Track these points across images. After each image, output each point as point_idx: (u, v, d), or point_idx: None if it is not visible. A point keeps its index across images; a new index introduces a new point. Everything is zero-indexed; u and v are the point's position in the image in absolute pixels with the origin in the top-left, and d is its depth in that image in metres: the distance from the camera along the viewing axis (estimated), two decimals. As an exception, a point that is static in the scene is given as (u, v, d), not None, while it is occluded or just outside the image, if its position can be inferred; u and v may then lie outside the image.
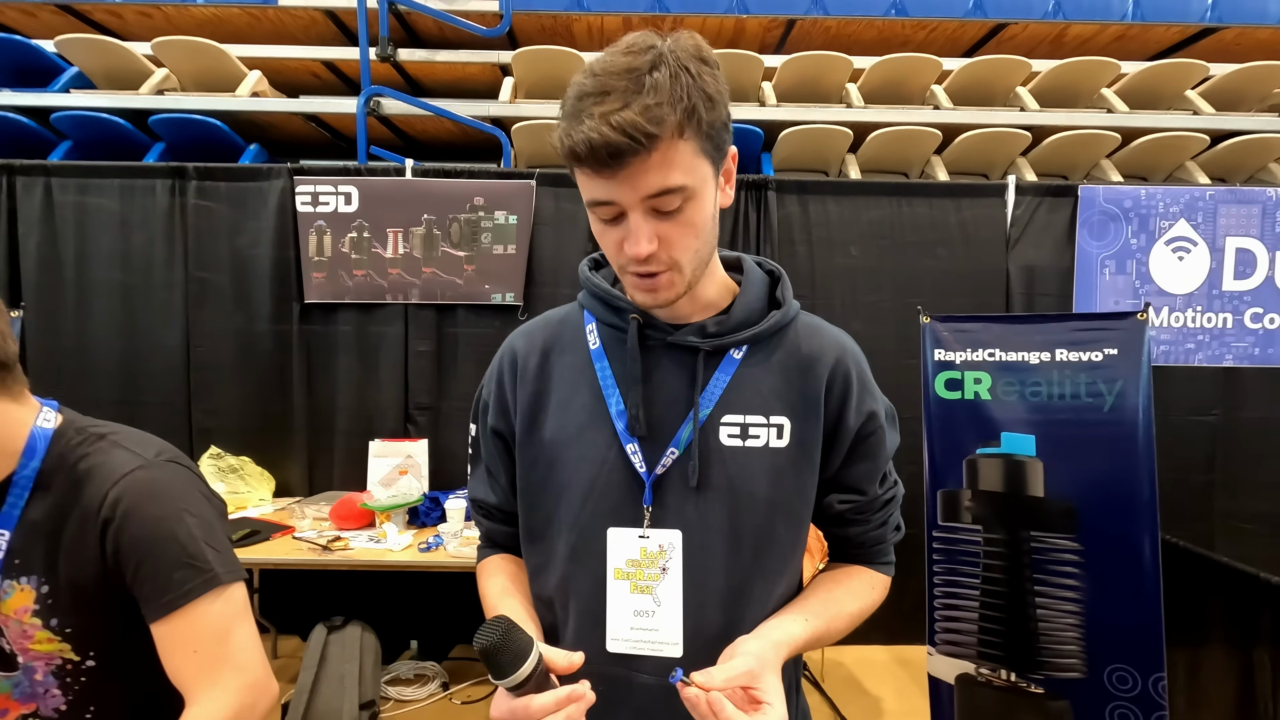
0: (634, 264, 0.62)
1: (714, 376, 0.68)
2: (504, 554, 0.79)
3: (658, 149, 0.56)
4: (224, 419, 2.54)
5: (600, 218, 0.62)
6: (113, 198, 2.52)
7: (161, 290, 2.53)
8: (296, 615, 2.56)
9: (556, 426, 0.70)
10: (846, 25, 3.17)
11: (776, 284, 0.74)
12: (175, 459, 0.72)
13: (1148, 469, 1.45)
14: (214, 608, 0.66)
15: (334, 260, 2.52)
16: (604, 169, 0.57)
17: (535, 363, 0.73)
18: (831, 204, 2.63)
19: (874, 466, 0.72)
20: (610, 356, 0.70)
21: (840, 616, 0.70)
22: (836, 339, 0.72)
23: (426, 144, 3.35)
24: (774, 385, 0.69)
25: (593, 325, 0.73)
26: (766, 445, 0.67)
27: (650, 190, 0.58)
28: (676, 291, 0.64)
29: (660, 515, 0.66)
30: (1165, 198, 2.62)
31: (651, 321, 0.69)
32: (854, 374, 0.70)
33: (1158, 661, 1.41)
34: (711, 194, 0.63)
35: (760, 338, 0.69)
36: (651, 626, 0.65)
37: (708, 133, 0.59)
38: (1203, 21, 3.10)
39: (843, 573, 0.76)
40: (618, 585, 0.66)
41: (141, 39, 2.94)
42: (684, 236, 0.61)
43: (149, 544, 0.65)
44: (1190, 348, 2.67)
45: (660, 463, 0.67)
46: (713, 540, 0.66)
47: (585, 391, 0.70)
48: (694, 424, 0.66)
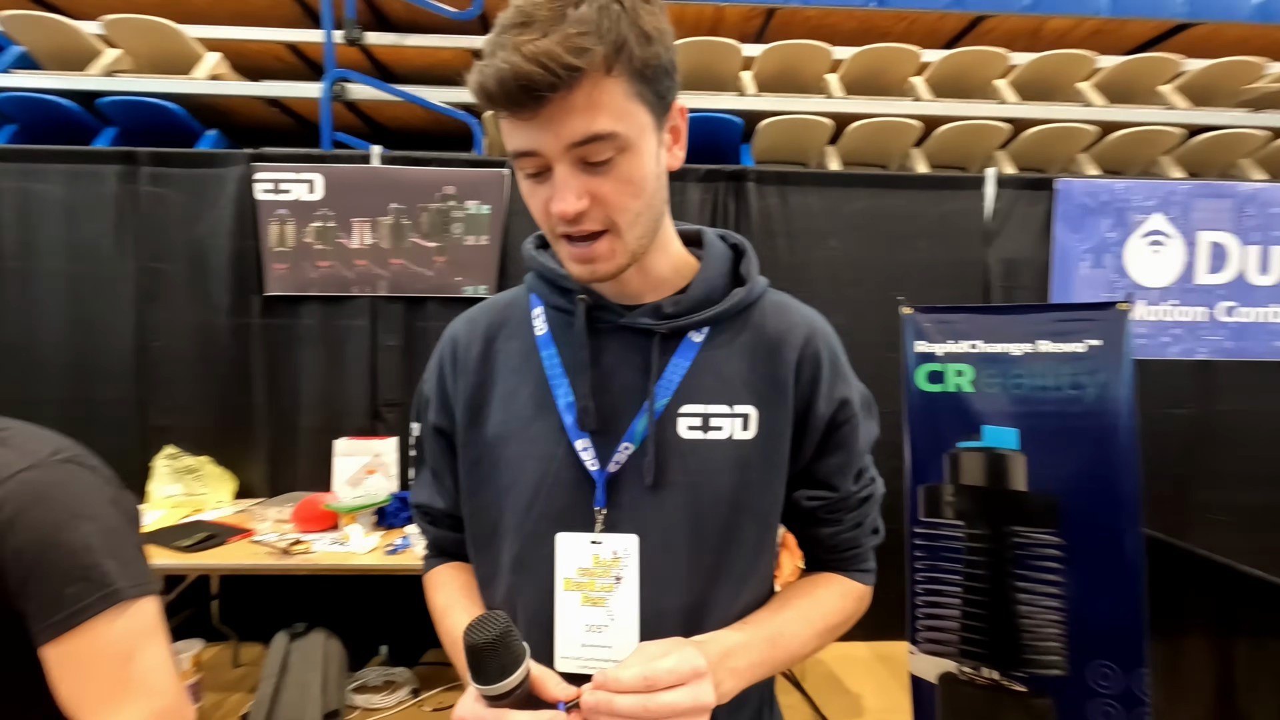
0: (562, 224, 0.54)
1: (671, 362, 0.62)
2: (453, 563, 0.73)
3: (581, 86, 0.49)
4: (181, 417, 2.42)
5: (525, 172, 0.55)
6: (59, 184, 2.38)
7: (112, 282, 2.40)
8: (258, 622, 2.45)
9: (500, 421, 0.64)
10: (827, 15, 3.13)
11: (741, 258, 0.67)
12: (75, 459, 0.63)
13: (1130, 462, 1.42)
14: (115, 626, 0.58)
15: (297, 251, 2.42)
16: (521, 110, 0.50)
17: (477, 352, 0.66)
18: (812, 195, 2.59)
19: (847, 460, 0.66)
20: (558, 343, 0.64)
21: (800, 623, 0.63)
22: (805, 317, 0.66)
23: (395, 131, 3.24)
24: (738, 370, 0.62)
25: (539, 309, 0.66)
26: (730, 437, 0.61)
27: (575, 136, 0.51)
28: (617, 262, 0.57)
29: (614, 518, 0.60)
30: (1141, 191, 2.63)
31: (601, 302, 0.62)
32: (824, 356, 0.64)
33: (1140, 657, 1.39)
34: (652, 148, 0.55)
35: (722, 318, 0.63)
36: (605, 643, 0.59)
37: (642, 72, 0.52)
38: (1177, 17, 3.12)
39: (809, 581, 0.69)
40: (567, 597, 0.60)
41: (90, 17, 2.79)
42: (620, 195, 0.54)
43: (36, 556, 0.56)
44: (1165, 341, 2.68)
45: (613, 459, 0.60)
46: (673, 543, 0.60)
47: (531, 382, 0.63)
48: (649, 415, 0.60)
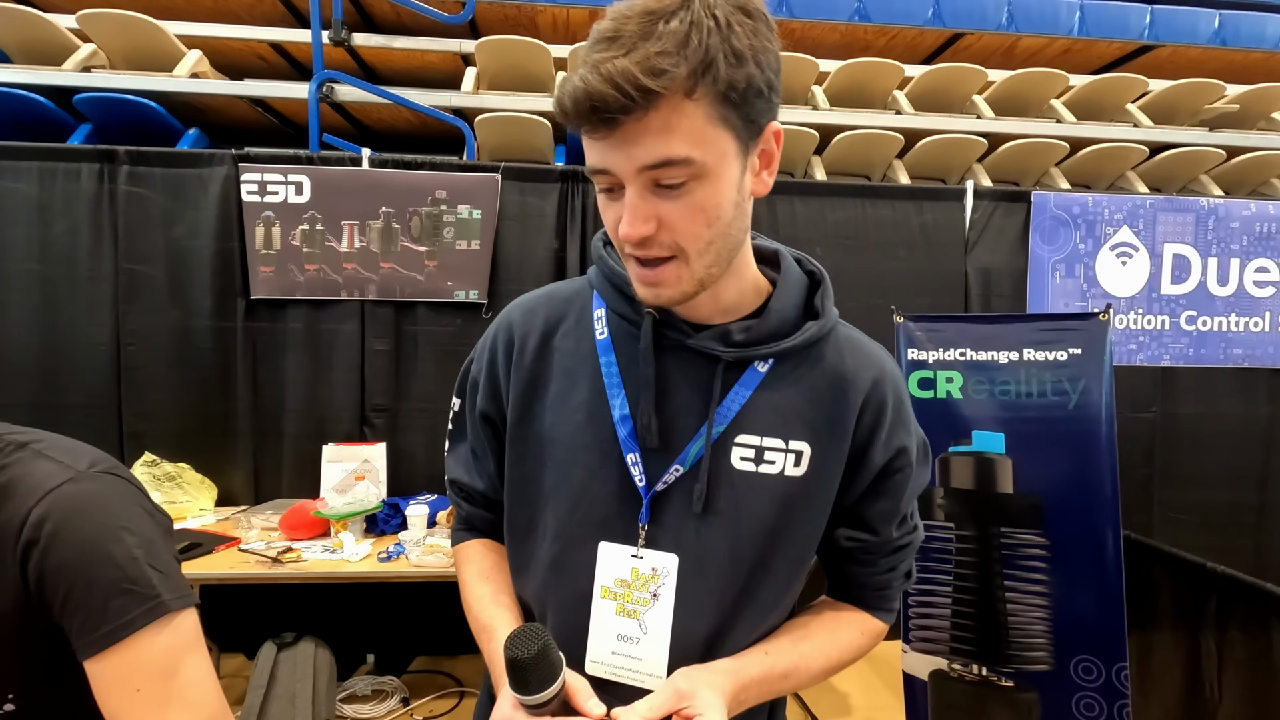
0: (629, 247, 0.54)
1: (733, 390, 0.60)
2: (484, 539, 0.73)
3: (657, 109, 0.47)
4: (159, 423, 2.35)
5: (599, 187, 0.55)
6: (31, 182, 2.30)
7: (87, 284, 2.32)
8: (241, 631, 2.39)
9: (552, 421, 0.63)
10: (810, 28, 3.20)
11: (817, 289, 0.65)
12: (112, 470, 0.62)
13: (1110, 464, 1.49)
14: (160, 639, 0.58)
15: (283, 253, 2.37)
16: (595, 130, 0.49)
17: (534, 345, 0.65)
18: (799, 204, 2.65)
19: (893, 507, 0.65)
20: (618, 351, 0.62)
21: (814, 657, 0.63)
22: (875, 359, 0.64)
23: (383, 134, 3.21)
24: (798, 406, 0.61)
25: (602, 311, 0.64)
26: (781, 472, 0.60)
27: (646, 160, 0.49)
28: (683, 290, 0.55)
29: (656, 535, 0.60)
30: (1110, 205, 2.75)
31: (669, 319, 0.61)
32: (890, 402, 0.63)
33: (1120, 652, 1.46)
34: (733, 175, 0.53)
35: (790, 352, 0.61)
36: (635, 654, 0.59)
37: (729, 96, 0.49)
38: (1141, 39, 3.27)
39: (830, 613, 0.69)
40: (603, 605, 0.60)
41: (64, 11, 2.71)
42: (690, 222, 0.52)
43: (81, 568, 0.56)
44: (1132, 348, 2.80)
45: (662, 479, 0.60)
46: (708, 569, 0.60)
47: (586, 386, 0.62)
48: (706, 441, 0.59)
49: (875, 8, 3.13)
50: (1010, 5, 3.19)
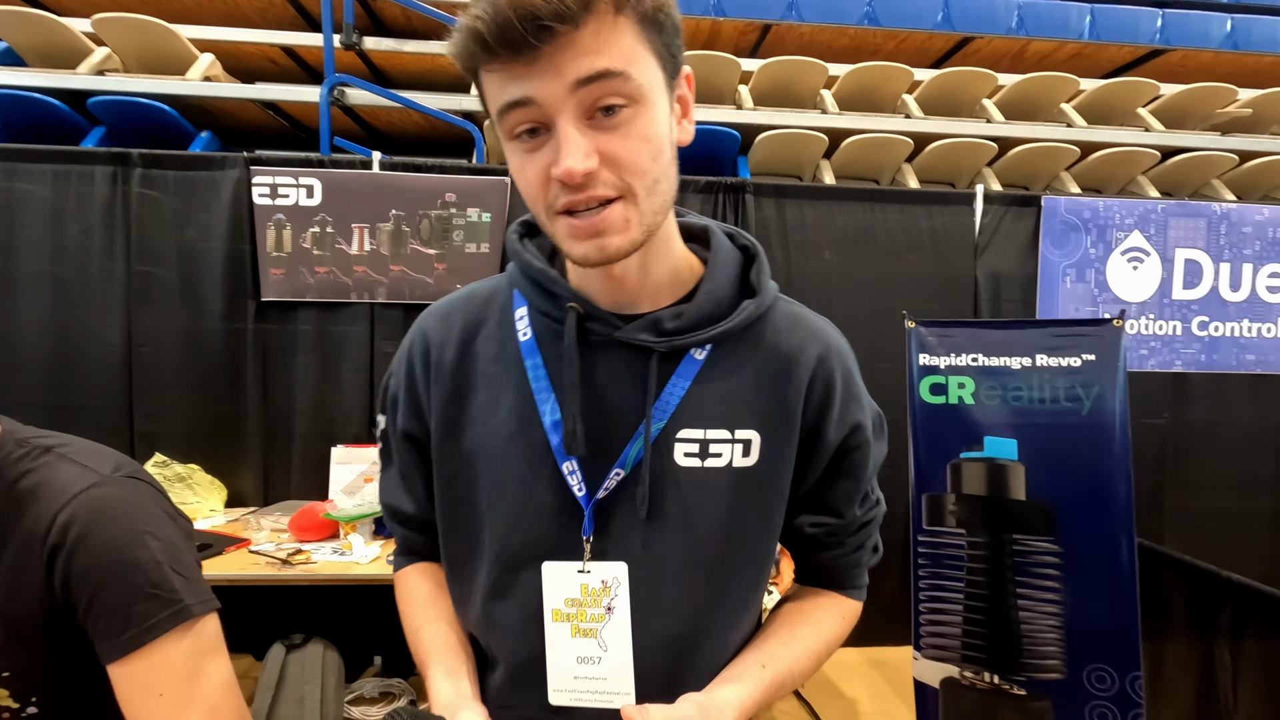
0: (566, 194, 0.46)
1: (670, 382, 0.56)
2: (423, 563, 0.69)
3: (588, 22, 0.43)
4: (170, 423, 2.37)
5: (517, 129, 0.47)
6: (45, 184, 2.32)
7: (100, 285, 2.34)
8: (250, 632, 2.39)
9: (479, 436, 0.58)
10: (820, 32, 3.21)
11: (751, 264, 0.60)
12: (135, 474, 0.63)
13: (1124, 471, 1.48)
14: (183, 644, 0.58)
15: (294, 256, 2.39)
16: (519, 52, 0.43)
17: (453, 353, 0.59)
18: (807, 208, 2.64)
19: (854, 486, 0.62)
20: (544, 353, 0.57)
21: (805, 657, 0.61)
22: (819, 333, 0.60)
23: (392, 137, 3.22)
24: (743, 392, 0.57)
25: (524, 310, 0.59)
26: (730, 464, 0.56)
27: (581, 73, 0.44)
28: (631, 236, 0.48)
29: (603, 547, 0.56)
30: (1121, 209, 2.74)
31: (594, 313, 0.55)
32: (838, 377, 0.59)
33: (1134, 660, 1.45)
34: (665, 108, 0.49)
35: (728, 335, 0.56)
36: (598, 675, 0.56)
37: (655, 18, 0.46)
38: (1152, 43, 3.26)
39: (809, 603, 0.66)
40: (557, 628, 0.56)
41: (79, 15, 2.74)
42: (636, 154, 0.46)
43: (106, 573, 0.56)
44: (1144, 354, 2.78)
45: (603, 485, 0.55)
46: (664, 575, 0.56)
47: (513, 394, 0.57)
48: (645, 440, 0.54)
49: (884, 12, 3.13)
50: (1020, 9, 3.18)
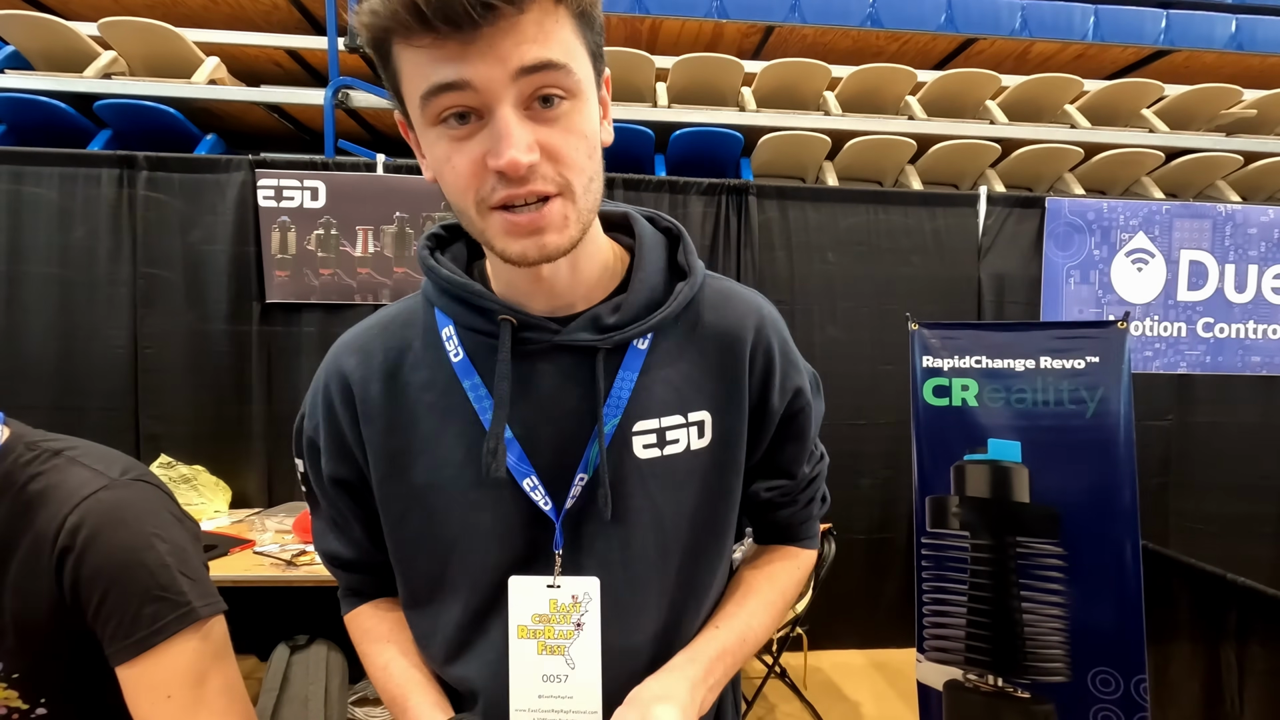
0: (506, 186, 0.44)
1: (618, 377, 0.54)
2: (373, 602, 0.65)
3: (531, 9, 0.41)
4: (175, 425, 2.38)
5: (444, 117, 0.44)
6: (52, 187, 2.34)
7: (106, 287, 2.36)
8: (254, 633, 2.40)
9: (428, 469, 0.55)
10: (823, 34, 3.20)
11: (677, 245, 0.59)
12: (143, 477, 0.63)
13: (1128, 474, 1.48)
14: (190, 646, 0.58)
15: (299, 258, 2.40)
16: (457, 29, 0.40)
17: (379, 388, 0.56)
18: (810, 210, 2.64)
19: (801, 447, 0.63)
20: (480, 370, 0.54)
21: (762, 613, 0.61)
22: (753, 307, 0.60)
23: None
24: (689, 375, 0.57)
25: (450, 329, 0.56)
26: (687, 448, 0.56)
27: (526, 61, 0.42)
28: (569, 235, 0.47)
29: (575, 558, 0.55)
30: (1125, 211, 2.73)
31: (528, 320, 0.53)
32: (776, 346, 0.60)
33: (1139, 664, 1.44)
34: (596, 105, 0.48)
35: (667, 321, 0.55)
36: (564, 694, 0.54)
37: (587, 15, 0.45)
38: (1156, 44, 3.25)
39: (763, 560, 0.67)
40: (522, 645, 0.54)
41: (85, 18, 2.75)
42: (574, 150, 0.45)
43: (114, 575, 0.57)
44: (1148, 355, 2.78)
45: (569, 494, 0.54)
46: (637, 574, 0.55)
47: (457, 418, 0.54)
48: (599, 439, 0.53)
49: (887, 13, 3.13)
50: (1024, 10, 3.18)
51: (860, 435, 2.58)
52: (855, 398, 2.60)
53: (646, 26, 3.17)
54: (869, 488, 2.59)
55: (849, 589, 2.58)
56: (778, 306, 0.65)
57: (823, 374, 0.69)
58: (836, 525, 2.29)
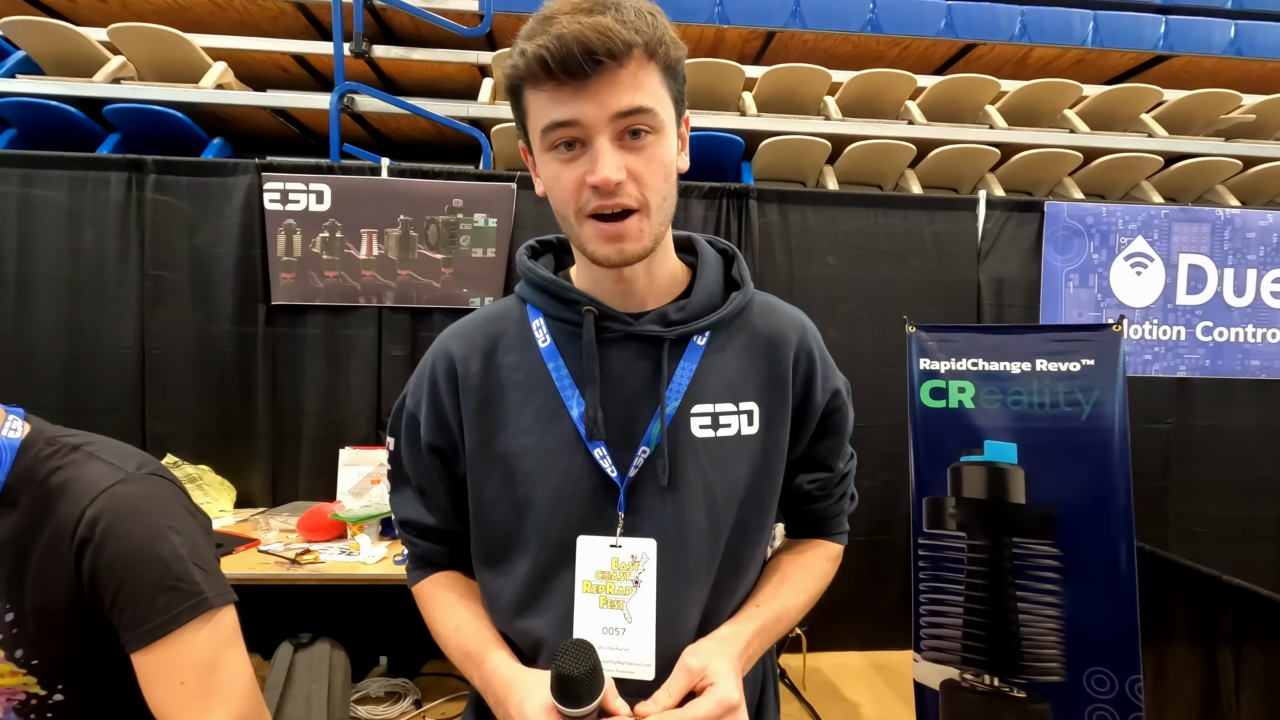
0: (598, 198, 0.55)
1: (680, 366, 0.64)
2: (445, 572, 0.72)
3: (629, 63, 0.53)
4: (181, 425, 2.41)
5: (556, 145, 0.56)
6: (61, 190, 2.37)
7: (114, 289, 2.38)
8: (258, 631, 2.43)
9: (512, 436, 0.63)
10: (823, 39, 3.23)
11: (732, 263, 0.70)
12: (157, 472, 0.66)
13: (1123, 476, 1.49)
14: (202, 634, 0.61)
15: (304, 260, 2.42)
16: (572, 79, 0.52)
17: (478, 368, 0.65)
18: (810, 214, 2.66)
19: (839, 442, 0.73)
20: (564, 354, 0.64)
21: (796, 595, 0.69)
22: (795, 318, 0.71)
23: (401, 143, 3.27)
24: (740, 369, 0.66)
25: (539, 320, 0.66)
26: (738, 433, 0.64)
27: (621, 106, 0.53)
28: (644, 244, 0.58)
29: (634, 521, 0.62)
30: (1124, 215, 2.74)
31: (607, 313, 0.63)
32: (816, 352, 0.70)
33: (1134, 664, 1.45)
34: (674, 140, 0.59)
35: (723, 322, 0.66)
36: (622, 645, 0.60)
37: (673, 69, 0.57)
38: (1155, 49, 3.27)
39: (797, 550, 0.75)
40: (586, 599, 0.61)
41: (95, 24, 2.79)
42: (652, 175, 0.56)
43: (130, 566, 0.59)
44: (1147, 359, 2.79)
45: (633, 464, 0.62)
46: (689, 541, 0.62)
47: (541, 394, 0.63)
48: (661, 416, 0.62)
49: (888, 19, 3.16)
50: (1023, 16, 3.20)
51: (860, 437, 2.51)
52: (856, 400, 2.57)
53: (648, 32, 3.20)
54: (868, 490, 2.61)
55: (849, 591, 2.58)
56: None
57: None
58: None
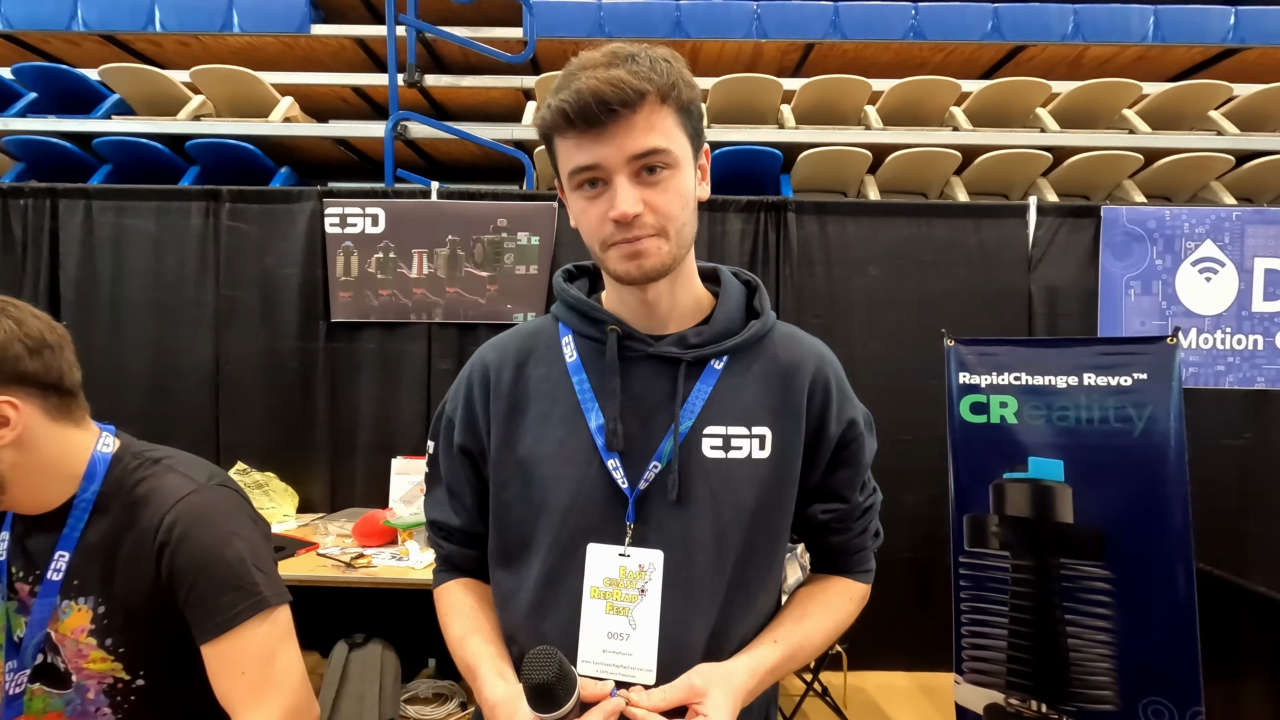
0: (618, 231, 0.61)
1: (695, 387, 0.67)
2: (464, 579, 0.76)
3: (642, 109, 0.59)
4: (250, 435, 2.58)
5: (582, 184, 0.62)
6: (149, 220, 2.60)
7: (193, 309, 2.59)
8: (317, 631, 2.56)
9: (533, 442, 0.67)
10: (864, 49, 3.21)
11: (754, 294, 0.74)
12: (225, 483, 0.74)
13: (1180, 495, 1.42)
14: (260, 630, 0.68)
15: (360, 280, 2.58)
16: (591, 127, 0.58)
17: (509, 376, 0.70)
18: (850, 224, 2.64)
19: (855, 474, 0.73)
20: (588, 369, 0.68)
21: (815, 634, 0.70)
22: (815, 348, 0.72)
23: (450, 166, 3.43)
24: (755, 395, 0.68)
25: (569, 337, 0.70)
26: (749, 456, 0.66)
27: (636, 149, 0.59)
28: (662, 260, 0.63)
29: (642, 532, 0.64)
30: (1190, 218, 2.60)
31: (631, 333, 0.67)
32: (833, 382, 0.71)
33: (1195, 695, 1.38)
34: (691, 173, 0.64)
35: (741, 348, 0.69)
36: (625, 650, 0.62)
37: (687, 108, 0.62)
38: (1224, 42, 3.09)
39: (819, 586, 0.75)
40: (593, 604, 0.63)
41: (180, 67, 3.06)
42: (669, 203, 0.62)
43: (201, 567, 0.67)
44: (1220, 370, 2.62)
45: (644, 478, 0.65)
46: (696, 556, 0.64)
47: (563, 405, 0.68)
48: (674, 433, 0.65)
49: (931, 24, 3.11)
50: (1076, 14, 3.09)
51: (905, 451, 2.53)
52: (899, 413, 2.55)
53: (687, 50, 3.25)
54: (914, 505, 2.54)
55: (894, 609, 2.52)
56: (815, 321, 0.76)
57: (865, 389, 0.76)
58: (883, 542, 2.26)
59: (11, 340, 0.66)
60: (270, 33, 3.09)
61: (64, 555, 0.69)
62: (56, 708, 0.72)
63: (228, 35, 3.11)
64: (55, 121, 2.95)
